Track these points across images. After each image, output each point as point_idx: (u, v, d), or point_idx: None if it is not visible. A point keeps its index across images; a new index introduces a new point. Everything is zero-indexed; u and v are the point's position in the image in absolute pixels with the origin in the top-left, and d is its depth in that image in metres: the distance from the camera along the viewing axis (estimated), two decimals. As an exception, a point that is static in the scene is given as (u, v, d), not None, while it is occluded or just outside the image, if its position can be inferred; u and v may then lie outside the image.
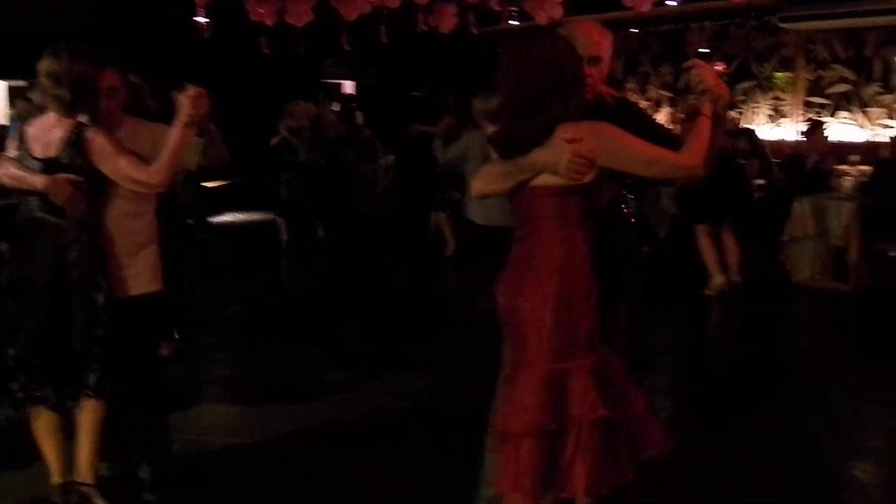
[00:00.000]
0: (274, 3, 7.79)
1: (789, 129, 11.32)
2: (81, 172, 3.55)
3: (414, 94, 12.35)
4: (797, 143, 10.80)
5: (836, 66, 10.90)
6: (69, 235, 3.57)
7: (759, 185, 8.97)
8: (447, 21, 7.72)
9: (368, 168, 12.50)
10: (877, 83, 10.55)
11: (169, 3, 9.88)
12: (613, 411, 2.87)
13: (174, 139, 3.59)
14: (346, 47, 7.81)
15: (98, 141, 3.55)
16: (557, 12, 7.30)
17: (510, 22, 9.28)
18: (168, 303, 4.27)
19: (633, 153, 2.96)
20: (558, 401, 2.88)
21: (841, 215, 7.85)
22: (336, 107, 13.09)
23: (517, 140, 2.93)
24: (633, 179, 3.14)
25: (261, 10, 7.94)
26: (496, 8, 7.46)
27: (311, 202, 9.71)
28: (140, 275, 3.82)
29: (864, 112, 10.66)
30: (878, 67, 10.53)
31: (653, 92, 12.77)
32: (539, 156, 2.89)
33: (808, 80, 11.22)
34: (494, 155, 3.04)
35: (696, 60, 3.14)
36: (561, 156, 2.86)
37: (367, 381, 5.62)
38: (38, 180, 3.51)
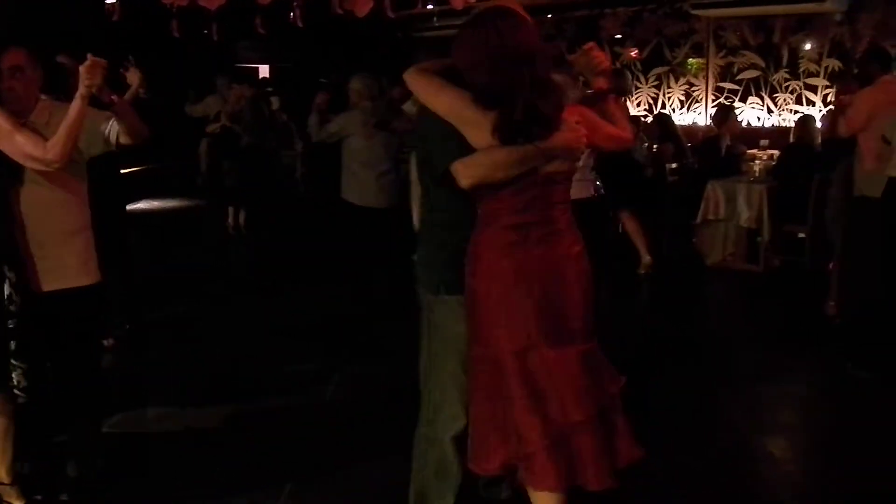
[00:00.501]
0: (185, -15, 7.62)
1: (701, 114, 11.54)
2: None
3: (322, 80, 12.21)
4: (709, 127, 11.01)
5: (746, 53, 11.14)
6: None
7: (673, 169, 9.12)
8: (363, 5, 7.63)
9: (285, 154, 12.40)
10: (784, 69, 10.81)
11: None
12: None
13: (72, 111, 3.40)
14: (261, 30, 7.66)
15: None
16: (474, -4, 7.25)
17: (426, 6, 9.24)
18: (109, 294, 4.15)
19: (604, 131, 3.09)
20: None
21: (751, 198, 8.03)
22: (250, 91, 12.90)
23: (542, 121, 2.80)
24: None
25: (171, -8, 7.77)
26: (412, -9, 7.42)
27: (261, 186, 9.69)
28: (68, 267, 3.63)
29: (772, 97, 10.93)
30: (785, 54, 10.79)
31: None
32: (559, 139, 2.84)
33: (719, 65, 11.44)
34: (491, 140, 2.78)
35: (591, 44, 3.19)
36: (578, 139, 2.90)
37: (310, 368, 5.62)
38: None
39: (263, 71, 16.00)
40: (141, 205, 12.18)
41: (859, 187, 5.88)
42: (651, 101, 12.05)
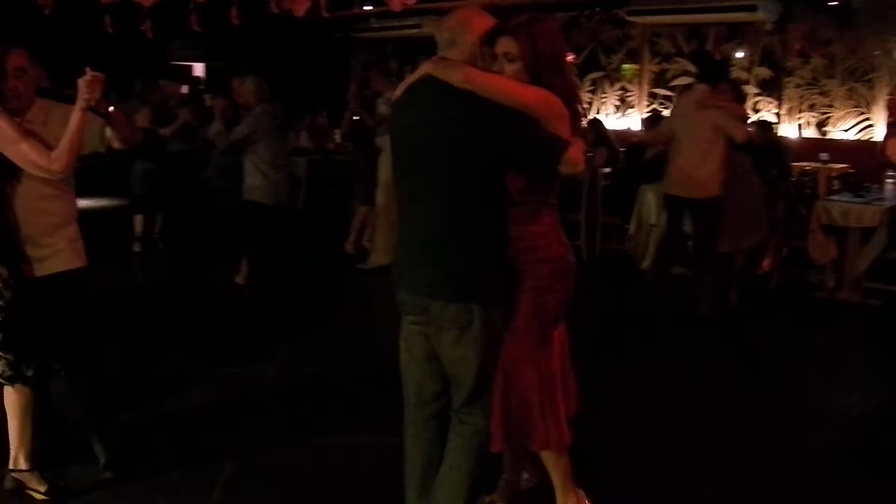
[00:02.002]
0: (119, -19, 7.51)
1: (635, 119, 11.70)
2: None
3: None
4: (642, 132, 11.17)
5: (680, 60, 11.32)
6: None
7: (606, 174, 9.24)
8: (300, 4, 7.59)
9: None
10: (716, 76, 11.00)
11: (5, -23, 9.40)
12: None
13: (73, 123, 3.56)
14: (196, 28, 7.57)
15: (0, 125, 3.53)
16: (411, -1, 7.27)
17: (364, 7, 9.24)
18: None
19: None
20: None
21: (683, 203, 8.14)
22: (185, 89, 12.75)
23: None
24: None
25: (105, -13, 7.64)
26: (350, -7, 7.42)
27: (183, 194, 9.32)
28: (60, 252, 3.78)
29: (704, 104, 11.10)
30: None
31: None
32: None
33: (653, 71, 11.61)
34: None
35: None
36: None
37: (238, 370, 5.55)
38: None
39: (198, 70, 15.82)
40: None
41: None
42: (586, 106, 12.19)
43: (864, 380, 5.58)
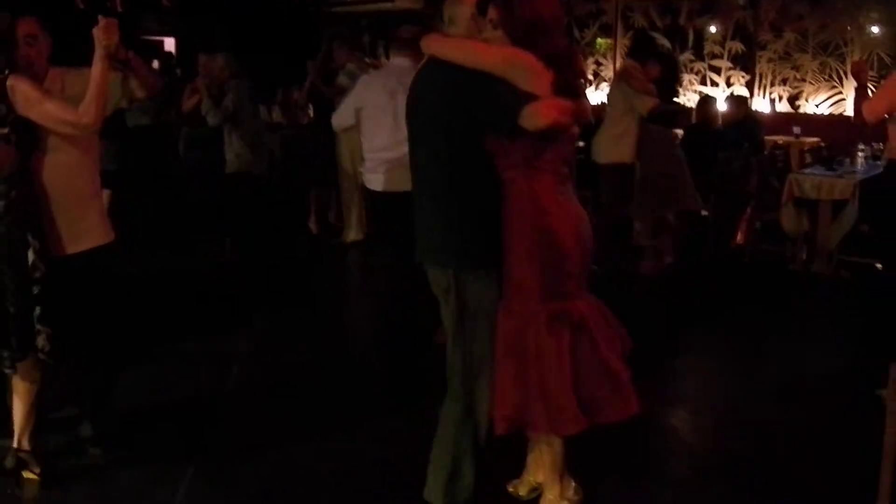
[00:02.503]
0: (88, -46, 7.43)
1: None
2: (6, 124, 3.43)
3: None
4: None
5: (654, 34, 11.31)
6: None
7: (580, 148, 9.23)
8: (272, -22, 7.55)
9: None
10: (690, 51, 11.04)
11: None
12: None
13: (96, 73, 3.48)
14: (166, 3, 7.50)
15: (21, 87, 3.45)
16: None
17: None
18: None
19: None
20: None
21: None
22: (155, 64, 12.60)
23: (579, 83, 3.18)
24: None
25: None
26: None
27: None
28: (93, 228, 3.76)
29: (678, 78, 11.15)
30: (691, 36, 11.01)
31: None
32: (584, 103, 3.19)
33: (627, 46, 11.60)
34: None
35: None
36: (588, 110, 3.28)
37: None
38: None
39: (169, 44, 15.64)
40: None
41: None
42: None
43: (832, 351, 5.63)
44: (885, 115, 5.23)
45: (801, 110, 10.25)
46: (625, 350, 3.37)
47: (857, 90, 5.50)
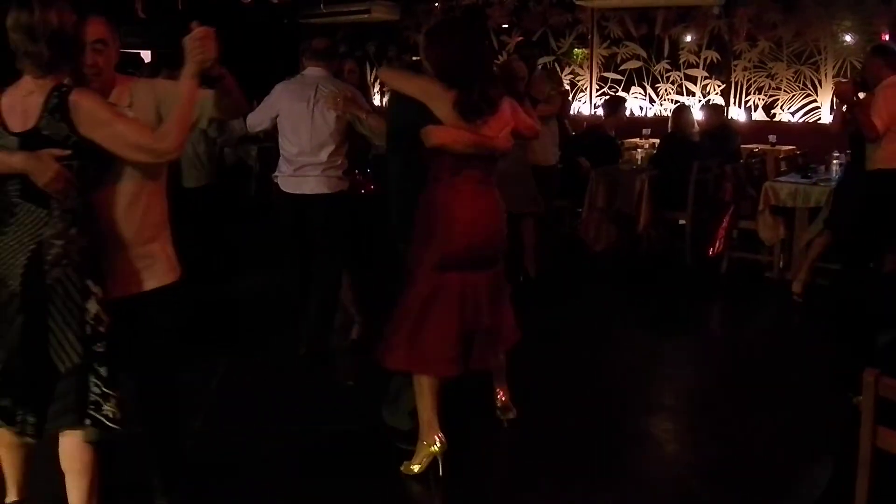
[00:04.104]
0: (61, -34, 7.37)
1: (586, 103, 11.76)
2: (68, 146, 2.88)
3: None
4: (594, 116, 11.23)
5: (629, 44, 11.38)
6: (53, 228, 2.89)
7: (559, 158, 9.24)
8: (247, -10, 7.54)
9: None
10: (666, 60, 11.09)
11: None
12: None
13: (185, 93, 3.02)
14: (142, 15, 7.47)
15: (87, 104, 2.89)
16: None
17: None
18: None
19: (524, 121, 4.17)
20: None
21: (633, 186, 8.19)
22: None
23: (490, 102, 3.82)
24: None
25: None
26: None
27: None
28: (156, 265, 3.25)
29: (654, 87, 11.21)
30: (667, 45, 11.06)
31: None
32: (499, 140, 3.88)
33: (603, 56, 11.67)
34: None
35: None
36: (507, 145, 3.97)
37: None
38: (16, 159, 2.82)
39: (146, 56, 15.56)
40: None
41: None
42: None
43: (808, 359, 5.65)
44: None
45: (777, 118, 10.31)
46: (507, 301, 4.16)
47: (848, 107, 6.08)
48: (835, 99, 5.93)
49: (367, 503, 3.81)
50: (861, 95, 6.18)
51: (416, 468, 3.95)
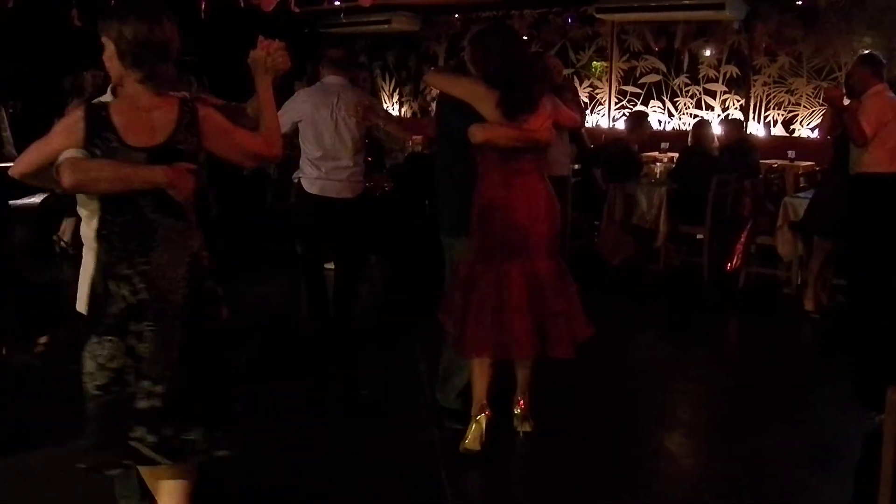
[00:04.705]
0: (86, -27, 7.42)
1: (604, 116, 11.75)
2: (197, 159, 2.88)
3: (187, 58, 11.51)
4: (612, 129, 11.22)
5: (649, 57, 11.37)
6: (197, 239, 2.89)
7: (576, 170, 9.24)
8: (269, 1, 7.55)
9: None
10: (685, 74, 11.07)
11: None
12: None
13: (269, 99, 3.09)
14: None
15: (212, 118, 2.93)
16: (381, -6, 7.25)
17: (333, 3, 9.20)
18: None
19: (565, 113, 4.59)
20: None
21: (652, 200, 8.19)
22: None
23: (531, 101, 4.13)
24: None
25: (71, -20, 7.54)
26: (320, -12, 7.37)
27: None
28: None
29: (673, 101, 11.19)
30: (686, 59, 11.05)
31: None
32: (541, 132, 4.18)
33: (622, 69, 11.66)
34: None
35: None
36: (549, 138, 4.28)
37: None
38: (157, 174, 2.73)
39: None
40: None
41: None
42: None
43: (828, 376, 5.62)
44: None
45: (796, 134, 10.28)
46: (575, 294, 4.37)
47: (837, 113, 6.44)
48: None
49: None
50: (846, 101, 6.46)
51: (469, 444, 4.25)
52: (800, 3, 10.08)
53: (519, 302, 4.11)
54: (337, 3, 9.36)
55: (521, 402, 4.53)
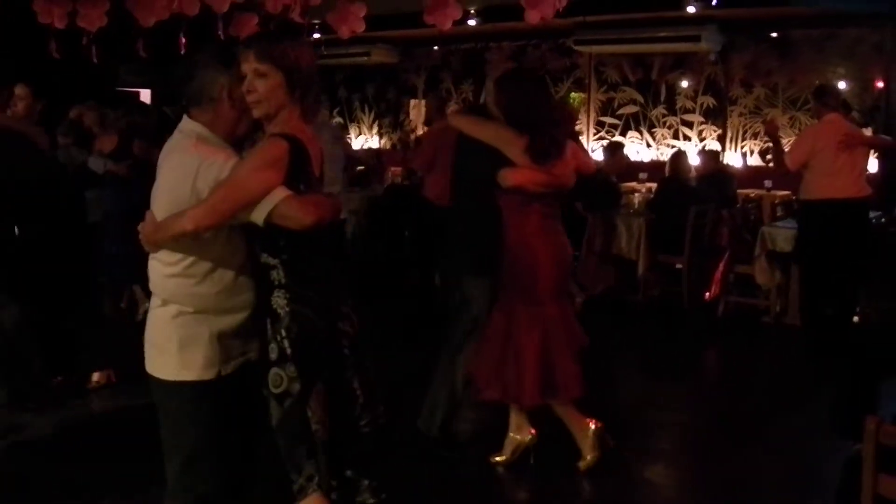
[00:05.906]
0: (65, 5, 7.41)
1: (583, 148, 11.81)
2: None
3: (166, 109, 11.24)
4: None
5: (626, 89, 11.47)
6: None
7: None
8: (248, 31, 7.55)
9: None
10: (662, 105, 11.17)
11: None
12: None
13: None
14: (143, 54, 7.49)
15: None
16: (360, 26, 7.26)
17: (312, 35, 9.21)
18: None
19: (583, 160, 4.74)
20: None
21: (631, 230, 8.22)
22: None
23: (557, 146, 4.21)
24: None
25: (50, 12, 7.53)
26: (298, 20, 7.38)
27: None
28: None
29: (651, 132, 11.28)
30: (663, 91, 11.15)
31: (453, 107, 13.00)
32: (565, 176, 4.32)
33: (601, 100, 11.74)
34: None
35: None
36: (571, 180, 4.45)
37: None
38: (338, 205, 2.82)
39: (145, 95, 15.65)
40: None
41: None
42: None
43: (808, 405, 5.63)
44: (804, 164, 6.53)
45: (773, 164, 10.36)
46: (581, 346, 4.38)
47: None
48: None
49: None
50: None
51: (502, 458, 4.43)
52: (775, 35, 10.22)
53: (565, 342, 4.27)
54: (317, 35, 9.37)
55: (593, 422, 4.43)
